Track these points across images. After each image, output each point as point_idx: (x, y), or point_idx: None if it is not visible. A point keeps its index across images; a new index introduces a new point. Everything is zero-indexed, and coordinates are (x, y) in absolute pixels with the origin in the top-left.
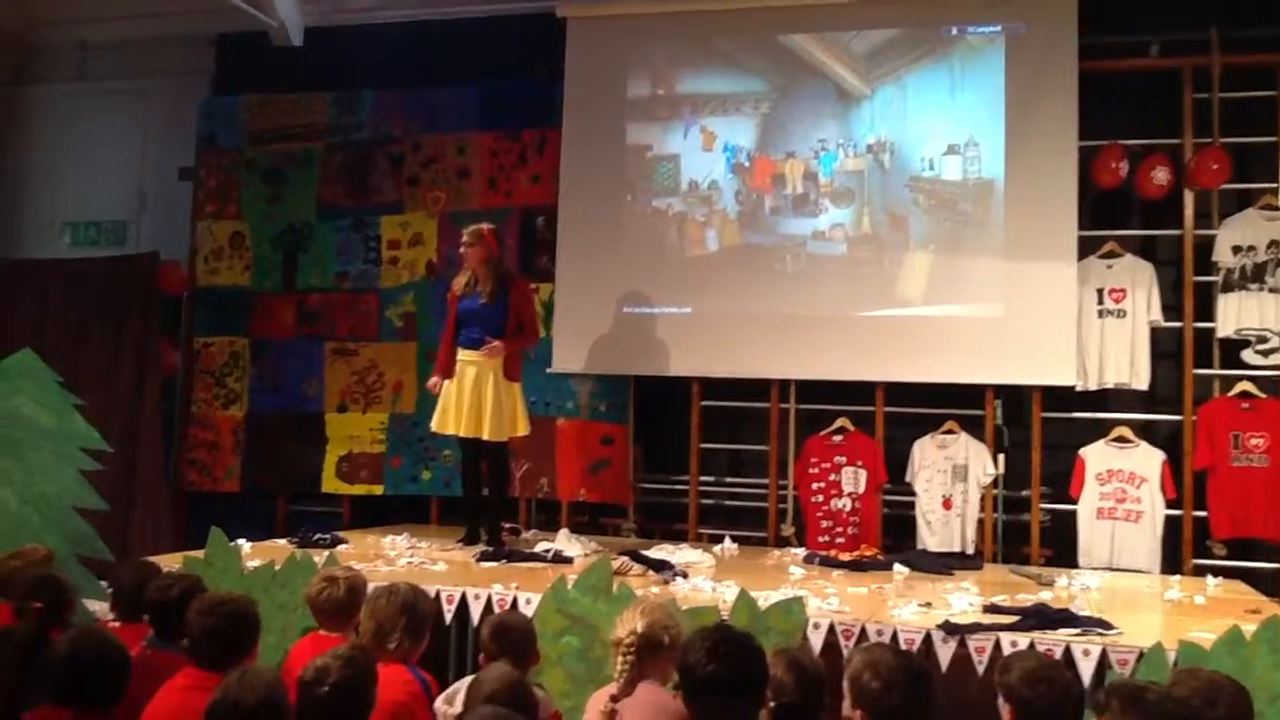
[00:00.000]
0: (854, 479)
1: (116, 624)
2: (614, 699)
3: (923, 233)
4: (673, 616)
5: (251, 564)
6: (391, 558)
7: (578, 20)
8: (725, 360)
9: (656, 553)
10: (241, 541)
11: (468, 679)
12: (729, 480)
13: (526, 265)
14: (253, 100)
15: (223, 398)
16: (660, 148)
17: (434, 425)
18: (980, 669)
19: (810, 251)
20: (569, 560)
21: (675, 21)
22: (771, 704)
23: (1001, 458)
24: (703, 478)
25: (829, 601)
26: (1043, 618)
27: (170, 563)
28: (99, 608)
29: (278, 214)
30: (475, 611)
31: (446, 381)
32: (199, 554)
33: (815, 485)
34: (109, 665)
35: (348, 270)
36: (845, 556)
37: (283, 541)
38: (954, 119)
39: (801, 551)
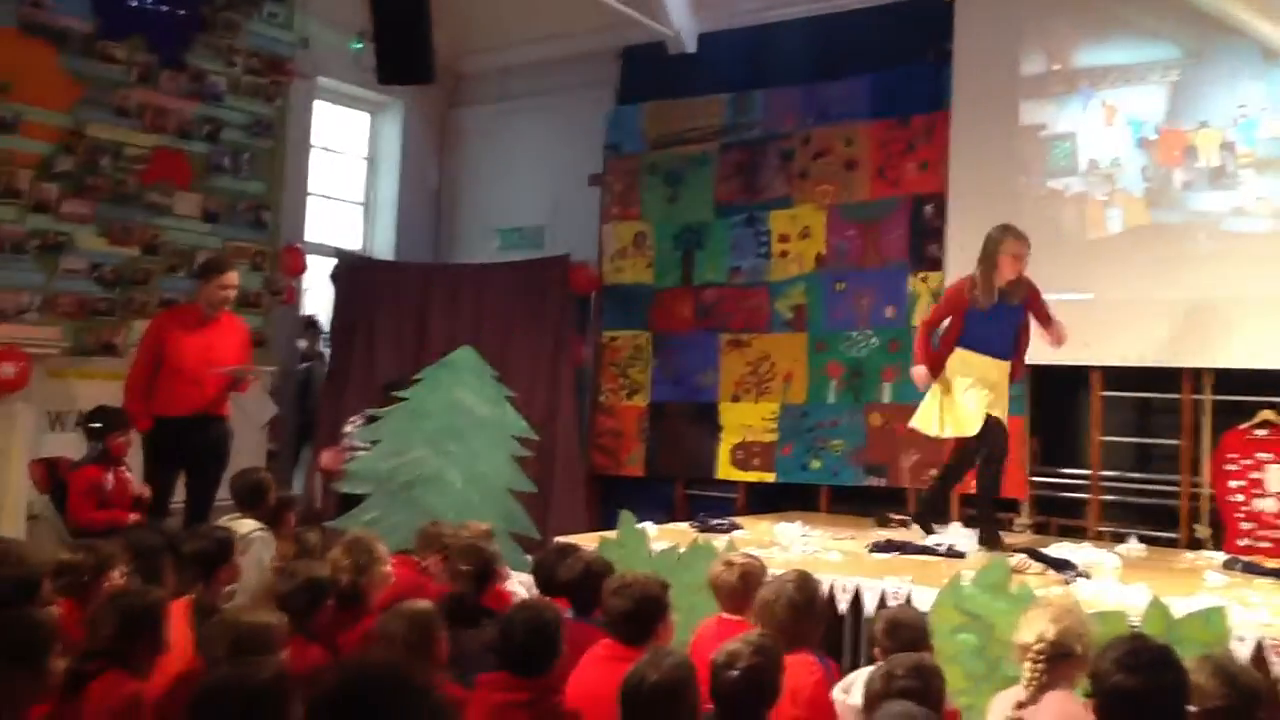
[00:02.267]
0: None
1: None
2: (1020, 706)
3: None
4: (1084, 624)
5: (657, 546)
6: (785, 545)
7: (967, 1)
8: (1130, 348)
9: (1056, 550)
10: (648, 524)
11: (864, 669)
12: (1134, 476)
13: (916, 254)
14: (652, 107)
15: (627, 388)
16: (1055, 126)
17: (917, 423)
18: None
19: (1227, 229)
20: (962, 555)
21: None
22: (1193, 709)
23: None
24: (1104, 472)
25: (1255, 612)
26: None
27: (588, 542)
28: (527, 580)
29: (676, 214)
30: (869, 603)
31: (935, 383)
32: (613, 534)
33: (1233, 484)
34: (542, 634)
35: (740, 265)
36: (1272, 563)
37: (684, 525)
38: None
39: (1219, 555)
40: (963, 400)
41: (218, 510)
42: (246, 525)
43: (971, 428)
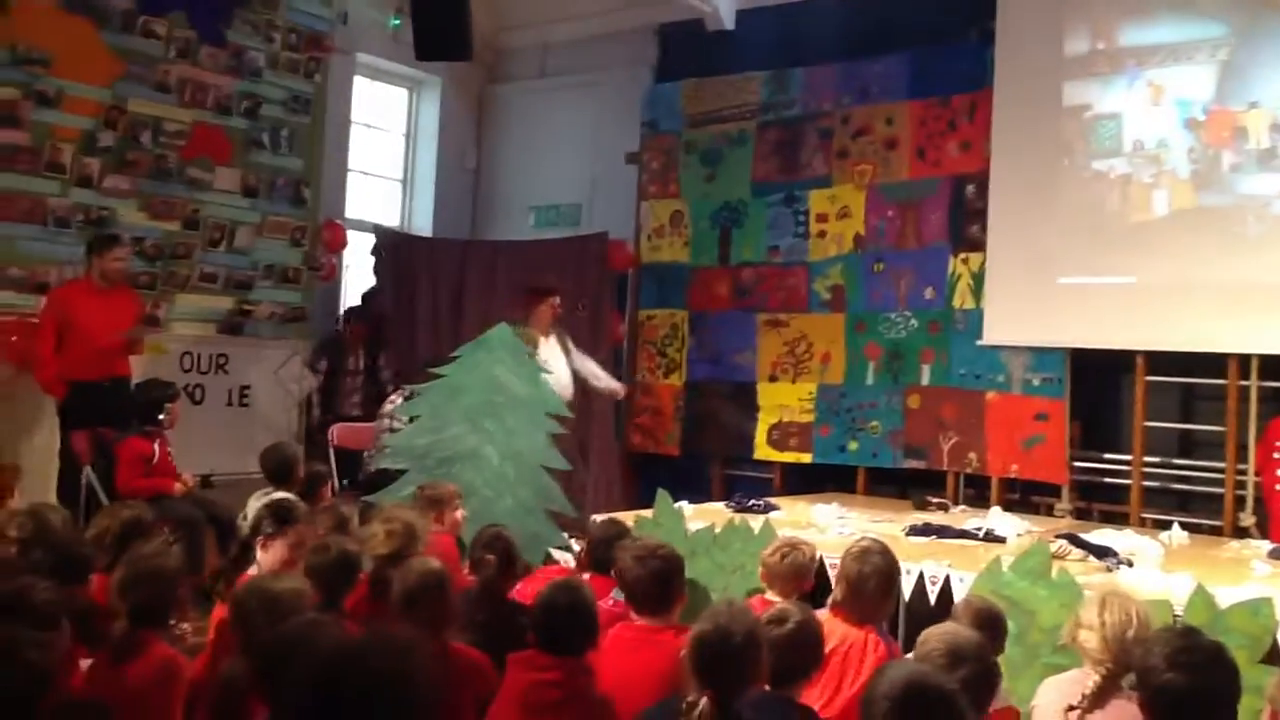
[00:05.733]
0: None
1: (587, 575)
2: (1072, 709)
3: None
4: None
5: (693, 526)
6: (821, 527)
7: None
8: (1174, 332)
9: (1097, 537)
10: (684, 504)
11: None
12: (1178, 462)
13: (956, 235)
14: (690, 85)
15: (664, 367)
16: (1101, 106)
17: None
18: None
19: (1277, 212)
20: (1002, 540)
21: None
22: None
23: None
24: (1147, 458)
25: None
26: None
27: (624, 520)
28: (564, 558)
29: (714, 192)
30: (906, 588)
31: None
32: (648, 513)
33: None
34: (582, 615)
35: (778, 244)
36: None
37: (720, 505)
38: None
39: (1265, 544)
40: None
41: (249, 484)
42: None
43: None
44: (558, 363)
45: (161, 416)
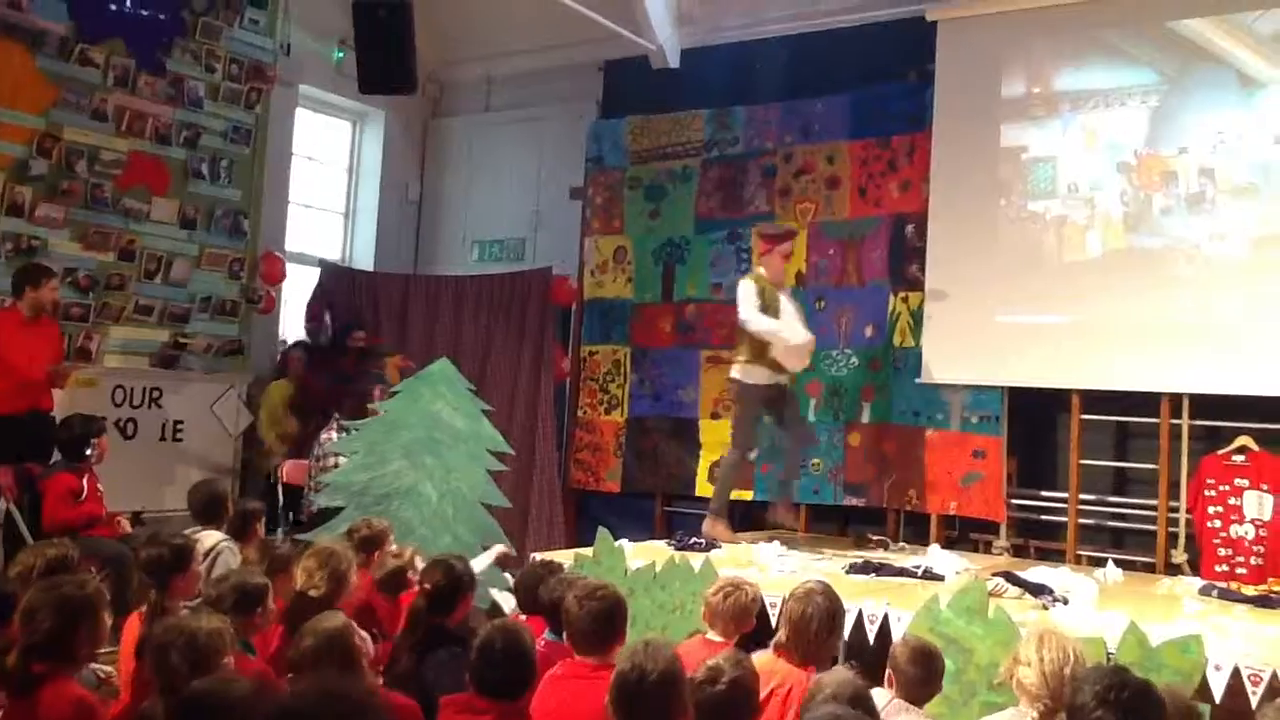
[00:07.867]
0: (1258, 504)
1: (522, 616)
2: None
3: None
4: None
5: (634, 564)
6: (762, 565)
7: (949, 21)
8: (1109, 372)
9: (1033, 574)
10: (624, 542)
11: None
12: (1112, 500)
13: (896, 274)
14: (635, 122)
15: (606, 403)
16: (1037, 148)
17: None
18: None
19: (1207, 254)
20: (940, 577)
21: (1053, 15)
22: None
23: None
24: (1083, 496)
25: (1232, 640)
26: None
27: (564, 558)
28: (503, 597)
29: (658, 228)
30: (846, 626)
31: None
32: (589, 552)
33: (1212, 509)
34: (521, 659)
35: (721, 281)
36: (1250, 590)
37: (661, 543)
38: None
39: (1197, 581)
40: None
41: (181, 521)
42: (212, 538)
43: None
44: (796, 315)
45: (89, 452)
